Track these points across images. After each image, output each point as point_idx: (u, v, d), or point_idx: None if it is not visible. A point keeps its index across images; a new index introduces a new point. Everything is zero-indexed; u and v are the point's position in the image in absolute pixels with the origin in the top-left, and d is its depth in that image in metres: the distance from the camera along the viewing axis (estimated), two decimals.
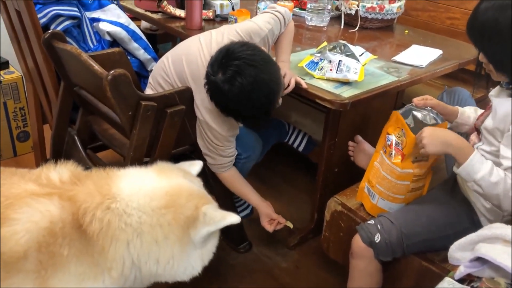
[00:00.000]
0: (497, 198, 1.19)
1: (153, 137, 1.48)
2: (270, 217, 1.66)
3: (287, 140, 2.10)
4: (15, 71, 2.34)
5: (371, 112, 1.95)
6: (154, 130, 1.46)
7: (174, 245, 1.01)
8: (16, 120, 2.38)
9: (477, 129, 1.35)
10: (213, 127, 1.51)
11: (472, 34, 1.22)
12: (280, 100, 1.53)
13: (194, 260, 1.06)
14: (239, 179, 1.65)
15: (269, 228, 1.66)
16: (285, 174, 2.36)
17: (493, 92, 1.31)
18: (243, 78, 1.32)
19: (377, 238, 1.31)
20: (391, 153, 1.37)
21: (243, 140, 1.64)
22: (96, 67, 1.38)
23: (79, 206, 0.98)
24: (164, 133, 1.47)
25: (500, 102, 1.24)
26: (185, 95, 1.50)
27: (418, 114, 1.35)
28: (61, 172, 1.07)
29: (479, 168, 1.19)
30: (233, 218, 1.04)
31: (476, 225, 1.32)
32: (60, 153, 1.79)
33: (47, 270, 0.93)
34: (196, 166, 1.23)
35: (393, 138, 1.37)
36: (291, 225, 1.67)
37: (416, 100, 1.40)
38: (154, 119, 1.43)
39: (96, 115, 1.69)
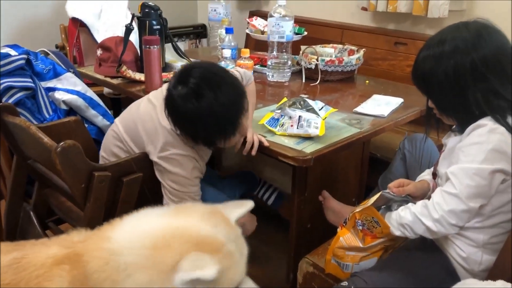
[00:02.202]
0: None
1: (110, 207, 1.41)
2: None
3: (257, 193, 2.04)
4: None
5: (339, 163, 1.93)
6: (111, 199, 1.39)
7: None
8: None
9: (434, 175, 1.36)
10: (174, 172, 1.44)
11: (416, 82, 1.28)
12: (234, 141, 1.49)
13: None
14: None
15: None
16: (259, 233, 2.28)
17: (445, 136, 1.35)
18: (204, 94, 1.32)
19: None
20: (362, 237, 1.36)
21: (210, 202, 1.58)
22: (46, 139, 1.33)
23: (81, 258, 0.96)
24: (121, 203, 1.41)
25: (449, 141, 1.30)
26: (142, 161, 1.45)
27: (394, 206, 1.34)
28: (78, 234, 1.05)
29: None
30: (205, 273, 0.92)
31: (452, 276, 1.27)
32: (15, 228, 1.70)
33: None
34: (244, 207, 1.12)
35: (363, 222, 1.34)
36: None
37: (393, 188, 1.39)
38: (110, 189, 1.36)
39: (51, 188, 1.61)
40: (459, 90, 1.19)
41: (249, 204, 1.13)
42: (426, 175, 1.47)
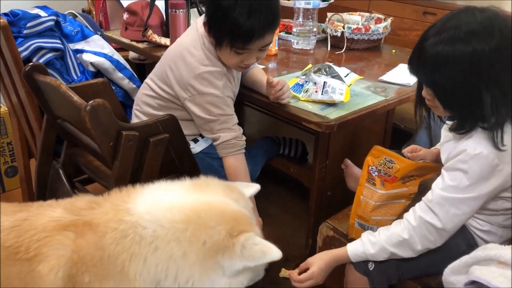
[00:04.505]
0: (410, 246, 1.20)
1: (137, 167, 1.44)
2: None
3: (282, 153, 2.04)
4: (1, 106, 2.32)
5: (362, 132, 1.92)
6: (137, 160, 1.43)
7: (194, 266, 0.92)
8: (3, 155, 2.35)
9: None
10: (205, 92, 1.47)
11: (418, 68, 1.15)
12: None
13: None
14: (243, 173, 1.55)
15: None
16: (280, 202, 2.32)
17: (444, 127, 1.29)
18: None
19: (371, 266, 1.27)
20: (381, 183, 1.36)
21: None
22: (75, 98, 1.36)
23: (95, 228, 0.94)
24: (147, 163, 1.44)
25: (445, 143, 1.24)
26: (168, 123, 1.47)
27: None
28: (80, 199, 1.04)
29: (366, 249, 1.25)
30: (274, 254, 0.93)
31: (473, 249, 1.27)
32: (45, 187, 1.75)
33: None
34: (252, 188, 1.13)
35: (378, 168, 1.36)
36: None
37: (406, 152, 1.39)
38: (137, 148, 1.39)
39: (80, 147, 1.65)
40: (472, 82, 1.07)
41: (256, 186, 1.14)
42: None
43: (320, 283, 1.29)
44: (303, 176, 2.01)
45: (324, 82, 1.57)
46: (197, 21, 1.57)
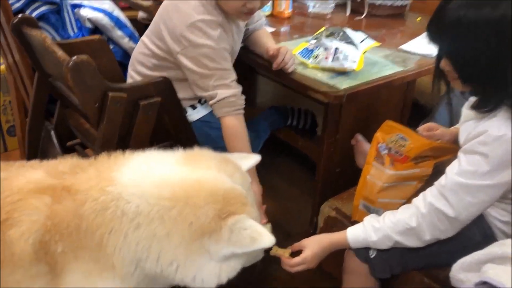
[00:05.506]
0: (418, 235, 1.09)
1: (125, 133, 1.34)
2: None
3: (290, 124, 1.92)
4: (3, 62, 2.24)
5: (378, 106, 1.77)
6: (126, 125, 1.32)
7: (179, 248, 0.86)
8: (5, 113, 2.28)
9: None
10: (199, 43, 1.33)
11: (437, 34, 1.03)
12: None
13: (207, 274, 0.88)
14: (242, 136, 1.40)
15: None
16: (289, 176, 2.21)
17: (466, 105, 1.15)
18: None
19: (372, 253, 1.15)
20: (390, 162, 1.25)
21: None
22: (59, 53, 1.25)
23: (74, 195, 0.88)
24: (137, 129, 1.33)
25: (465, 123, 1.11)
26: (161, 86, 1.36)
27: None
28: (63, 162, 0.98)
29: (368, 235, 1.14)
30: (265, 241, 0.86)
31: (489, 240, 1.13)
32: (37, 149, 1.67)
33: (55, 270, 0.87)
34: (250, 159, 1.05)
35: (389, 146, 1.24)
36: (268, 230, 1.47)
37: (422, 131, 1.27)
38: (126, 112, 1.29)
39: (71, 108, 1.56)
40: (497, 52, 0.95)
41: (256, 157, 1.06)
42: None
43: (312, 268, 1.18)
44: (311, 150, 1.89)
45: (336, 48, 1.42)
46: None
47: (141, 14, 2.50)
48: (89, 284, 0.88)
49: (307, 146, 1.86)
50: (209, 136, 1.51)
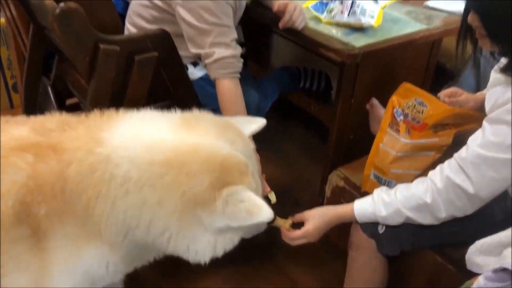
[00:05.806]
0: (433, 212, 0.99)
1: (120, 90, 1.25)
2: None
3: (302, 86, 1.80)
4: None
5: (397, 68, 1.64)
6: (120, 81, 1.23)
7: (171, 217, 0.81)
8: (10, 69, 2.21)
9: None
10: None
11: None
12: None
13: (202, 246, 0.84)
14: (239, 102, 1.32)
15: None
16: (300, 142, 2.12)
17: (495, 68, 1.05)
18: None
19: (381, 229, 1.06)
20: (406, 129, 1.14)
21: None
22: (47, 1, 1.15)
23: (60, 155, 0.82)
24: (132, 85, 1.24)
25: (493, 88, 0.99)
26: (160, 40, 1.25)
27: None
28: (51, 119, 0.92)
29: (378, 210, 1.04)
30: (263, 215, 0.80)
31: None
32: (35, 105, 1.60)
33: (38, 234, 0.82)
34: (255, 124, 0.98)
35: (405, 112, 1.13)
36: (273, 199, 1.36)
37: (444, 97, 1.16)
38: (119, 67, 1.19)
39: (67, 62, 1.47)
40: None
41: (261, 121, 0.98)
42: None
43: (314, 241, 1.09)
44: (324, 115, 1.78)
45: (353, 1, 1.30)
46: None
47: None
48: (75, 250, 0.84)
49: (321, 111, 1.76)
50: (212, 95, 1.40)
